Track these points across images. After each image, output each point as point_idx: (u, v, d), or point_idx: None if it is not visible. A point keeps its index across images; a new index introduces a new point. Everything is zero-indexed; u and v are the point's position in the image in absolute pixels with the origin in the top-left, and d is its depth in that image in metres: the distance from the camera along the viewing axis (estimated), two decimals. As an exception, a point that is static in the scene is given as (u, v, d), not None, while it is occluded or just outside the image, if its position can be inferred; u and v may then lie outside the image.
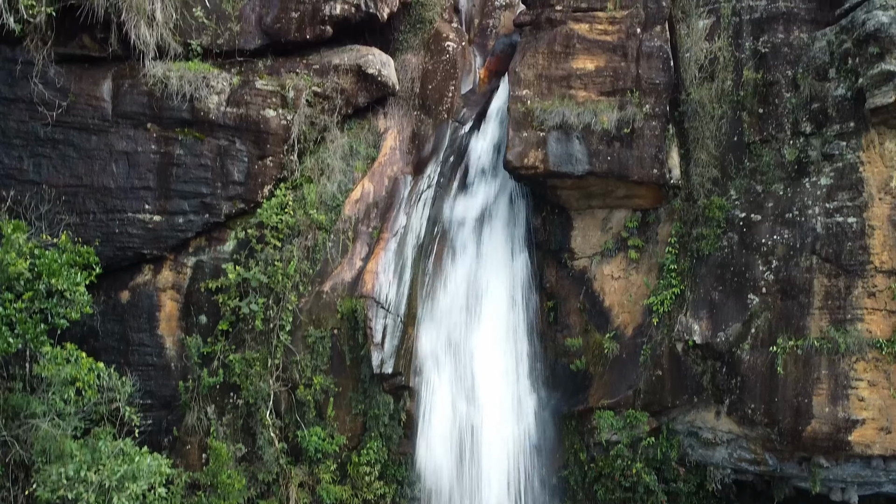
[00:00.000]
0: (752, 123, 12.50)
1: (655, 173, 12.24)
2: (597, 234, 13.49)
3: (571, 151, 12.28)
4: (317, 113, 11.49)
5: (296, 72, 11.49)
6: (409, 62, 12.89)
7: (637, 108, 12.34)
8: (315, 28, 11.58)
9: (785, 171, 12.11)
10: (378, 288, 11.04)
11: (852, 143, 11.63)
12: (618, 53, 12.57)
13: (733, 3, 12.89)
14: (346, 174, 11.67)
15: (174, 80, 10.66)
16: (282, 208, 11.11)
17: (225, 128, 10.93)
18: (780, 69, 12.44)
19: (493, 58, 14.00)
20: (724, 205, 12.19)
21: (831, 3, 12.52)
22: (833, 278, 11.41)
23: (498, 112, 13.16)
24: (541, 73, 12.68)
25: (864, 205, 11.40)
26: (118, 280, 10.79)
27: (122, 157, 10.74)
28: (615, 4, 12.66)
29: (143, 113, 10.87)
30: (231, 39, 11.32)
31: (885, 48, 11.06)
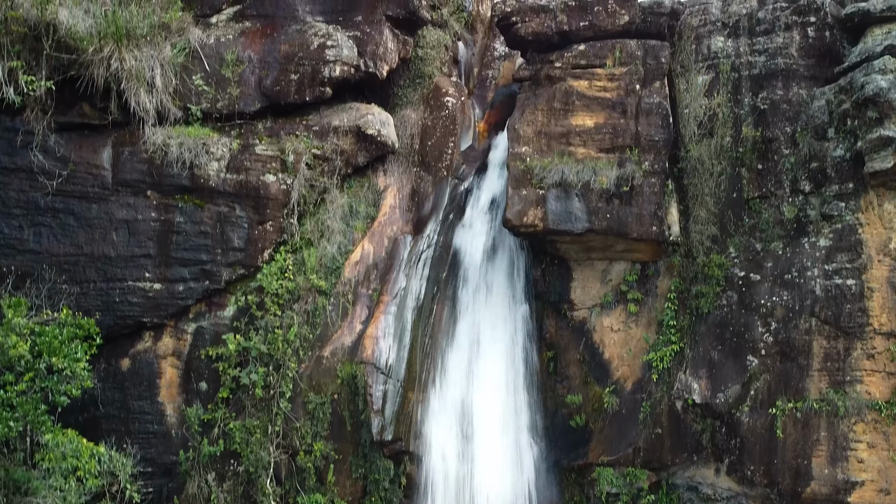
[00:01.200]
0: (751, 180, 12.54)
1: (654, 230, 12.25)
2: (596, 286, 13.50)
3: (570, 209, 12.30)
4: (316, 175, 11.50)
5: (295, 134, 11.49)
6: (408, 118, 12.89)
7: (636, 166, 12.36)
8: (314, 90, 11.59)
9: (784, 229, 12.14)
10: (378, 353, 11.06)
11: (851, 205, 11.67)
12: (617, 110, 12.59)
13: (732, 59, 12.93)
14: (345, 235, 11.67)
15: (174, 148, 10.67)
16: (282, 273, 11.12)
17: (225, 194, 10.93)
18: (779, 126, 12.48)
19: (492, 110, 14.02)
20: (723, 263, 12.22)
21: (830, 59, 12.57)
22: (832, 340, 11.44)
23: (496, 168, 13.18)
24: (540, 129, 12.70)
25: (863, 267, 11.43)
26: (119, 347, 10.80)
27: (122, 225, 10.74)
28: (614, 61, 12.67)
29: (142, 180, 10.87)
30: (231, 103, 11.34)
31: (884, 113, 11.09)
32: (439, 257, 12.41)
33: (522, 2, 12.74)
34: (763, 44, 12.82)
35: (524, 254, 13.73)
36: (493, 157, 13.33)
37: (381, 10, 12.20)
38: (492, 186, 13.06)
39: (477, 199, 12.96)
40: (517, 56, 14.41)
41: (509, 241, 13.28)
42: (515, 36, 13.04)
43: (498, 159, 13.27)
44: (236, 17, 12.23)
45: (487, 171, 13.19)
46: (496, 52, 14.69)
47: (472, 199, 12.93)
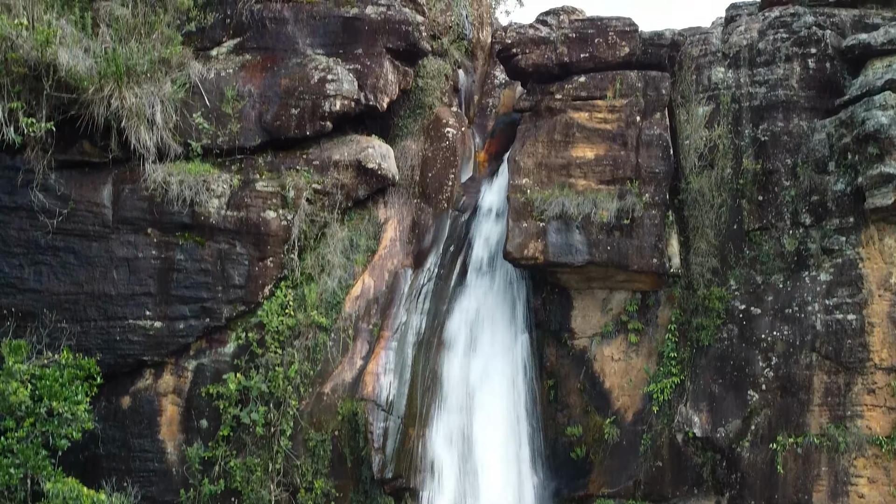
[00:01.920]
0: (751, 211, 12.54)
1: (655, 263, 12.24)
2: (597, 315, 13.49)
3: (571, 242, 12.29)
4: (317, 210, 11.48)
5: (296, 168, 11.48)
6: (408, 149, 12.88)
7: (637, 198, 12.36)
8: (315, 124, 11.58)
9: (785, 262, 12.14)
10: (378, 390, 11.05)
11: (852, 239, 11.67)
12: (617, 142, 12.59)
13: (733, 90, 12.93)
14: (346, 269, 11.66)
15: (174, 186, 10.65)
16: (282, 309, 11.12)
17: (225, 231, 10.91)
18: (779, 158, 12.47)
19: (493, 139, 14.01)
20: (723, 295, 12.22)
21: (831, 91, 12.57)
22: (833, 375, 11.46)
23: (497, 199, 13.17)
24: (540, 161, 12.69)
25: (863, 302, 11.44)
26: (119, 385, 10.78)
27: (122, 263, 10.72)
28: (615, 93, 12.67)
29: (143, 218, 10.84)
30: (231, 138, 11.32)
31: (885, 149, 11.09)
32: (440, 290, 12.40)
33: (523, 34, 12.71)
34: (764, 75, 12.82)
35: (524, 283, 13.72)
36: (493, 188, 13.31)
37: (381, 42, 12.18)
38: (492, 217, 13.04)
39: (477, 231, 12.95)
40: (518, 83, 14.40)
41: (510, 271, 13.27)
42: (516, 67, 13.03)
43: (498, 190, 13.26)
44: (236, 50, 12.21)
45: (488, 202, 13.17)
46: (496, 79, 14.67)
47: (472, 231, 12.91)
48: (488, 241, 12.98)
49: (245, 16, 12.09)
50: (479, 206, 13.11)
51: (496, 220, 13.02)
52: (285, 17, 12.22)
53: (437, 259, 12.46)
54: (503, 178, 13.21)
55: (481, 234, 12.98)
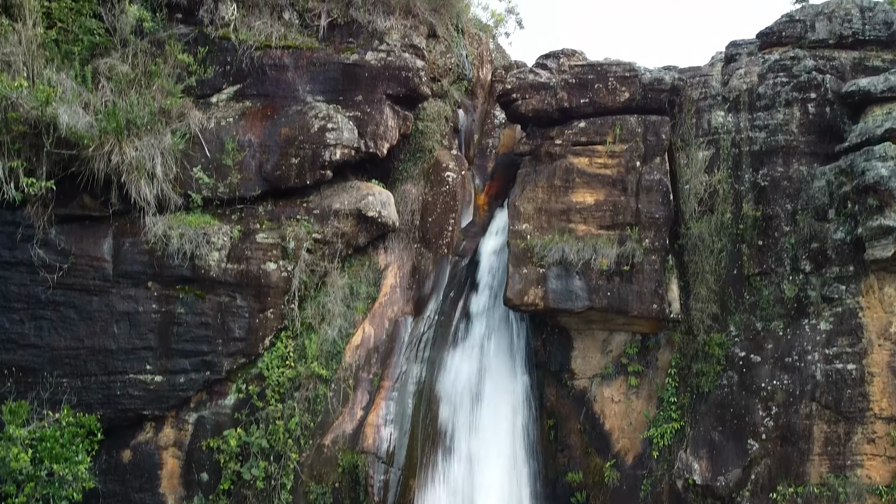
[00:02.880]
0: (751, 256, 12.54)
1: (655, 308, 12.25)
2: (597, 356, 13.50)
3: (571, 288, 12.30)
4: (317, 259, 11.49)
5: (296, 218, 11.49)
6: (408, 193, 12.89)
7: (636, 244, 12.36)
8: (315, 173, 11.59)
9: (784, 308, 12.14)
10: (379, 442, 11.07)
11: (852, 288, 11.67)
12: (617, 187, 12.59)
13: (733, 134, 12.93)
14: (346, 318, 11.67)
15: (175, 239, 10.66)
16: (283, 360, 11.13)
17: (226, 284, 10.92)
18: (779, 203, 12.48)
19: (492, 181, 14.02)
20: (723, 342, 12.23)
21: (831, 136, 12.58)
22: (833, 424, 11.45)
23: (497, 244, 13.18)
24: (540, 206, 12.69)
25: (863, 351, 11.44)
26: (120, 439, 10.79)
27: (123, 317, 10.73)
28: (615, 138, 12.67)
29: (143, 272, 10.85)
30: (232, 189, 11.33)
31: (885, 201, 11.09)
32: (440, 337, 12.41)
33: (523, 79, 12.69)
34: (764, 119, 12.82)
35: (524, 324, 13.74)
36: (493, 231, 13.31)
37: (381, 89, 12.18)
38: (492, 262, 13.05)
39: (477, 276, 12.95)
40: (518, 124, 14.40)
41: (510, 314, 13.27)
42: (516, 112, 13.02)
43: (498, 235, 13.26)
44: (236, 97, 12.21)
45: (488, 246, 13.17)
46: (496, 118, 14.67)
47: (473, 277, 12.91)
48: (488, 286, 12.99)
49: (245, 63, 12.08)
50: (479, 251, 13.11)
51: (496, 265, 13.02)
52: (285, 63, 12.22)
53: (437, 305, 12.46)
54: (503, 221, 13.22)
55: (481, 279, 12.98)
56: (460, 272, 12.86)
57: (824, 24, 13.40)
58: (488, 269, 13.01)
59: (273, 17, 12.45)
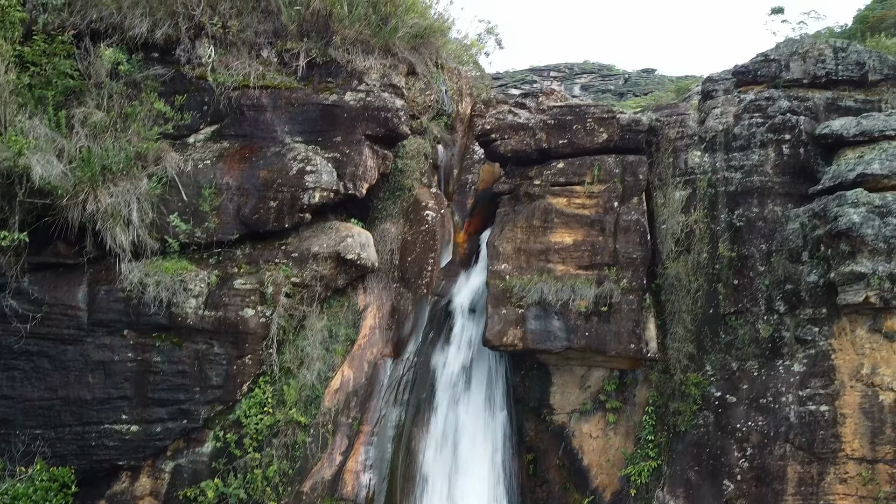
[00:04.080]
0: (727, 295, 12.69)
1: (633, 348, 12.35)
2: (575, 392, 13.62)
3: (550, 328, 12.37)
4: (296, 303, 11.42)
5: (274, 262, 11.41)
6: (388, 232, 12.86)
7: (615, 284, 12.46)
8: (294, 216, 11.50)
9: (759, 348, 12.31)
10: (358, 489, 11.05)
11: (825, 330, 11.86)
12: (595, 228, 12.68)
13: (709, 174, 13.09)
14: (325, 361, 11.62)
15: (151, 287, 10.54)
16: (261, 407, 11.05)
17: (203, 332, 10.81)
18: (754, 243, 12.65)
19: (472, 218, 14.03)
20: (700, 381, 12.38)
21: (805, 177, 12.77)
22: (806, 465, 11.63)
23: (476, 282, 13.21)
24: (519, 246, 12.75)
25: (835, 393, 11.64)
26: (94, 490, 10.62)
27: (98, 366, 10.58)
28: (593, 179, 12.75)
29: (119, 320, 10.71)
30: (209, 234, 11.21)
31: (857, 248, 11.28)
32: (419, 379, 12.41)
33: (502, 120, 12.73)
34: (739, 160, 12.98)
35: (504, 360, 13.82)
36: (472, 271, 13.35)
37: (360, 129, 12.13)
38: (471, 301, 13.07)
39: (457, 316, 12.97)
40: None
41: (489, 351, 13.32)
42: (495, 152, 13.07)
43: (477, 273, 13.29)
44: (214, 137, 12.10)
45: (467, 286, 13.20)
46: (476, 153, 14.68)
47: (452, 316, 12.93)
48: (468, 325, 13.02)
49: (223, 103, 11.98)
50: (458, 290, 13.13)
51: (476, 304, 13.05)
52: (263, 104, 12.14)
53: (416, 346, 12.46)
54: (482, 260, 13.26)
55: (461, 318, 13.00)
56: (440, 312, 12.86)
57: (798, 64, 13.60)
58: (468, 309, 13.03)
59: (251, 56, 12.35)
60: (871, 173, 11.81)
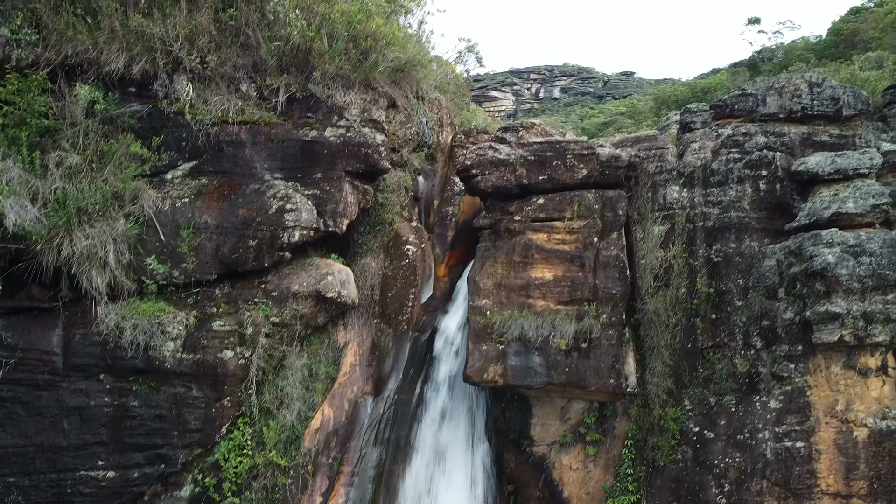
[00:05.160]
0: (705, 330, 12.83)
1: (612, 383, 12.43)
2: (556, 424, 13.68)
3: (530, 364, 12.41)
4: (275, 343, 11.33)
5: (254, 301, 11.31)
6: (368, 267, 12.81)
7: (594, 320, 12.52)
8: (273, 255, 11.39)
9: (737, 383, 12.45)
10: (338, 531, 11.00)
11: (800, 367, 12.02)
12: (575, 263, 12.73)
13: (687, 210, 13.21)
14: (305, 400, 11.54)
15: (128, 331, 10.40)
16: (240, 449, 10.96)
17: (181, 375, 10.67)
18: (731, 279, 12.79)
19: (453, 251, 14.02)
20: (678, 416, 12.49)
21: (781, 212, 12.94)
22: (782, 501, 11.78)
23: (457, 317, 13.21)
24: (500, 282, 12.77)
25: (811, 429, 11.81)
26: (71, 536, 10.50)
27: (73, 412, 10.42)
28: (573, 214, 12.81)
29: (95, 364, 10.54)
30: (187, 275, 11.06)
31: (831, 287, 11.45)
32: (401, 415, 12.39)
33: (482, 155, 12.73)
34: (717, 195, 13.12)
35: (484, 393, 13.85)
36: (453, 306, 13.35)
37: (340, 166, 12.05)
38: (452, 337, 13.08)
39: (437, 352, 12.97)
40: (479, 192, 14.42)
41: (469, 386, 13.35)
42: (476, 188, 13.07)
43: (458, 309, 13.30)
44: (192, 174, 11.95)
45: (448, 321, 13.20)
46: (456, 185, 14.67)
47: (433, 352, 12.93)
48: (449, 360, 13.03)
49: (201, 139, 11.83)
50: (439, 326, 13.13)
51: (456, 340, 13.06)
52: (242, 140, 12.01)
53: (397, 384, 12.43)
54: (463, 294, 13.26)
55: (442, 354, 13.01)
56: (420, 347, 12.85)
57: (775, 99, 13.77)
58: (449, 344, 13.04)
59: (230, 90, 12.22)
60: (846, 212, 12.00)
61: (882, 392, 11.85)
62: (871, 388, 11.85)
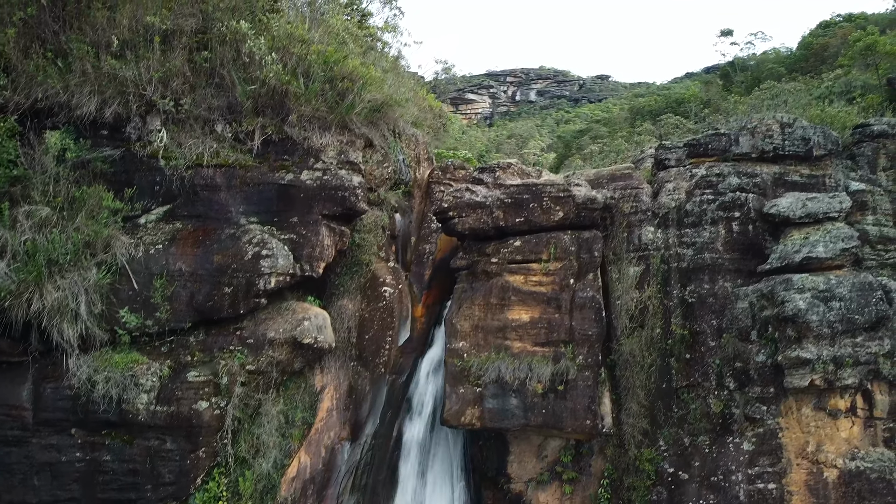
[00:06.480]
0: (679, 370, 12.99)
1: (589, 424, 12.52)
2: (533, 461, 13.76)
3: (507, 406, 12.46)
4: (251, 391, 11.22)
5: (229, 349, 11.17)
6: (345, 309, 12.75)
7: (571, 361, 12.60)
8: (249, 302, 11.26)
9: (711, 423, 12.62)
10: (315, 583, 10.93)
11: (772, 409, 12.22)
12: (552, 305, 12.80)
13: (662, 251, 13.35)
14: (281, 448, 11.45)
15: (100, 384, 10.22)
16: (215, 501, 10.82)
17: (155, 427, 10.51)
18: (705, 319, 12.96)
19: (430, 290, 14.00)
20: (653, 457, 12.63)
21: (753, 253, 13.14)
22: (755, 541, 11.96)
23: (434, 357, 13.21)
24: (477, 324, 12.80)
25: (783, 471, 12.02)
26: None
27: (44, 468, 10.23)
28: (549, 256, 12.87)
29: (66, 419, 10.35)
30: (161, 324, 10.90)
31: (802, 333, 11.66)
32: (378, 461, 12.36)
33: (459, 198, 12.74)
34: (691, 236, 13.28)
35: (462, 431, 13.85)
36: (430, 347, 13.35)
37: (317, 209, 11.95)
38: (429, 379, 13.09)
39: (415, 394, 12.96)
40: (456, 229, 14.42)
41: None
42: (453, 230, 13.07)
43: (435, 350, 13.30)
44: (166, 218, 11.78)
45: (425, 363, 13.20)
46: (433, 222, 14.64)
47: (410, 394, 12.92)
48: (426, 402, 13.03)
49: (175, 183, 11.66)
50: (416, 368, 13.12)
51: (434, 382, 13.06)
52: (217, 183, 11.86)
53: (374, 428, 12.39)
54: (440, 335, 13.26)
55: (419, 396, 13.00)
56: (398, 390, 12.83)
57: (747, 139, 13.97)
58: (426, 386, 13.04)
59: (205, 132, 12.05)
60: (816, 256, 12.23)
61: (851, 433, 12.09)
62: (840, 429, 12.09)
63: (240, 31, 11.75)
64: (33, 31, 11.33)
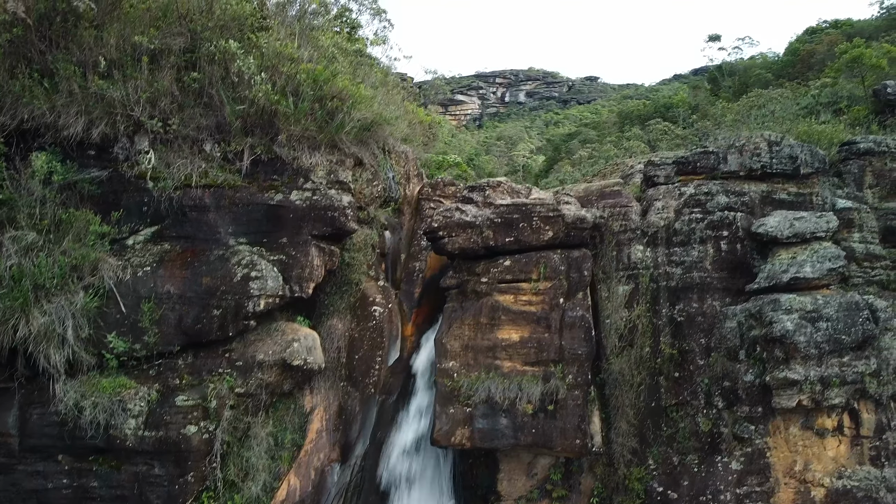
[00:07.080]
0: (668, 388, 13.03)
1: (578, 443, 12.55)
2: (522, 479, 13.76)
3: (497, 426, 12.46)
4: (240, 414, 11.17)
5: (218, 372, 11.12)
6: (335, 329, 12.71)
7: (560, 381, 12.62)
8: (238, 324, 11.21)
9: (700, 442, 12.68)
10: None
11: (760, 428, 12.29)
12: (542, 324, 12.82)
13: (651, 270, 13.39)
14: (270, 471, 11.41)
15: (88, 409, 10.14)
16: (204, 526, 10.80)
17: (143, 453, 10.44)
18: (694, 338, 13.02)
19: (420, 308, 13.99)
20: (643, 476, 12.67)
21: (741, 271, 13.21)
22: (743, 561, 12.03)
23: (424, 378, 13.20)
24: (467, 343, 12.80)
25: (771, 491, 12.09)
26: None
27: (30, 496, 10.13)
28: (539, 276, 12.89)
29: (53, 445, 10.27)
30: (149, 348, 10.83)
31: (790, 354, 11.73)
32: (368, 482, 12.33)
33: (449, 217, 12.73)
34: (680, 255, 13.34)
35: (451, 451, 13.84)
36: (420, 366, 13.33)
37: (306, 230, 11.91)
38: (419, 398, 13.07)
39: (404, 413, 12.94)
40: (445, 247, 14.41)
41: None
42: (443, 249, 13.06)
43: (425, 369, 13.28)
44: (154, 239, 11.70)
45: (415, 382, 13.18)
46: (423, 239, 14.62)
47: (400, 414, 12.89)
48: (416, 421, 13.00)
49: (163, 203, 11.58)
50: (406, 387, 13.09)
51: (424, 401, 13.04)
52: (206, 204, 11.79)
53: (364, 448, 12.36)
54: (430, 353, 13.24)
55: (409, 415, 12.98)
56: (388, 410, 12.80)
57: (736, 157, 14.05)
58: (416, 405, 13.01)
59: (193, 151, 11.98)
60: (804, 276, 12.31)
61: (838, 452, 12.19)
62: (828, 447, 12.18)
63: (229, 51, 11.68)
64: (19, 50, 11.20)
